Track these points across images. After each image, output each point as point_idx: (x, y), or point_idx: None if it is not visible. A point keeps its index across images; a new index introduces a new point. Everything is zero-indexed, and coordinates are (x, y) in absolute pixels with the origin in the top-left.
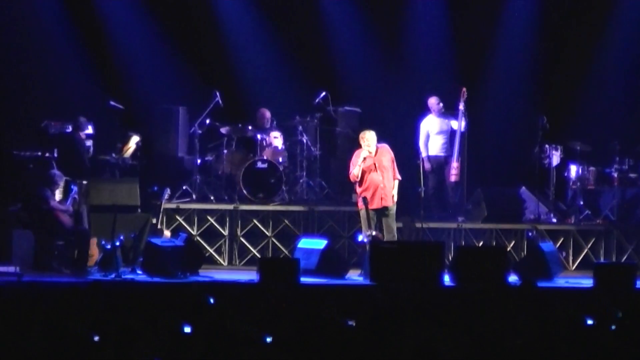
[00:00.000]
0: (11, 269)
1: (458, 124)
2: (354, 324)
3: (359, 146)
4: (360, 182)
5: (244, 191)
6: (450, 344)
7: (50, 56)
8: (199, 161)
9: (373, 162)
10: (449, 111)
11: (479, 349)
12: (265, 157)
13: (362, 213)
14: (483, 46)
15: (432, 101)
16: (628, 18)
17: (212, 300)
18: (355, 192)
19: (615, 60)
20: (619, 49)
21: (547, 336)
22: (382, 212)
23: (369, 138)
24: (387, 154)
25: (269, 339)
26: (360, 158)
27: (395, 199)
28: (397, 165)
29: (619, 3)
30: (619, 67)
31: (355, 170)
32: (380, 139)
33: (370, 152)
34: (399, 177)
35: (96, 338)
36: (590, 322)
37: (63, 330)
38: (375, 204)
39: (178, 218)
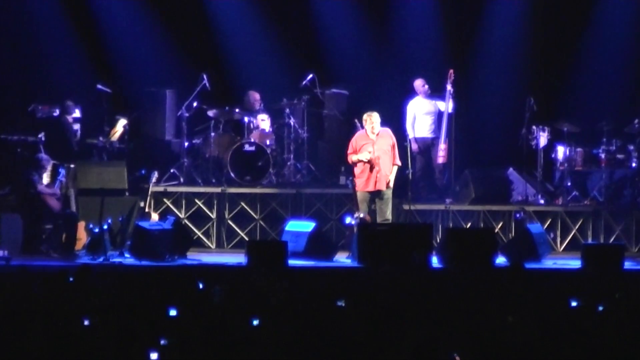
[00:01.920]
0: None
1: (445, 106)
2: (344, 305)
3: (347, 127)
4: (356, 163)
5: (232, 174)
6: (439, 326)
7: (38, 40)
8: (186, 144)
9: (373, 145)
10: (436, 93)
11: (468, 331)
12: (252, 140)
13: (359, 195)
14: (470, 28)
15: (418, 83)
16: None
17: (201, 285)
18: (344, 175)
19: (603, 41)
20: (607, 29)
21: (535, 317)
22: (376, 195)
23: (374, 120)
24: (388, 138)
25: (256, 322)
26: (362, 157)
27: (392, 184)
28: None
29: None
30: (607, 48)
31: (354, 158)
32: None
33: (371, 153)
34: (399, 163)
35: (86, 322)
36: (574, 304)
37: (52, 314)
38: (369, 187)
39: (166, 201)
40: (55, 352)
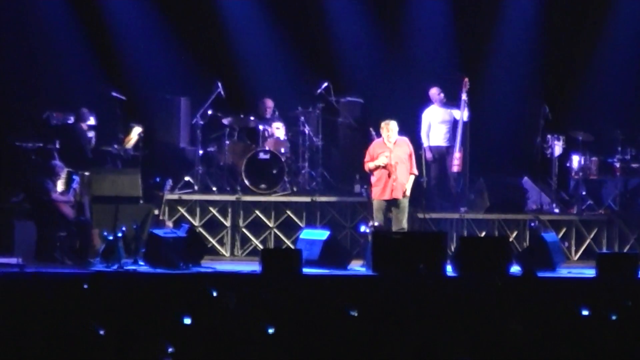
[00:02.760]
0: (13, 259)
1: (460, 114)
2: (357, 314)
3: (362, 136)
4: (373, 171)
5: (246, 182)
6: (452, 334)
7: (53, 47)
8: (201, 152)
9: (390, 153)
10: (451, 101)
11: (480, 339)
12: (267, 148)
13: (375, 203)
14: (485, 36)
15: (434, 91)
16: (631, 7)
17: (214, 293)
18: (358, 183)
19: (618, 50)
20: (622, 38)
21: (547, 326)
22: (392, 203)
23: (392, 128)
24: (405, 147)
25: (271, 330)
26: (379, 162)
27: (408, 193)
28: None
29: None
30: (622, 56)
31: (370, 165)
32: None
33: (388, 157)
34: (416, 172)
35: (101, 332)
36: (586, 312)
37: (66, 322)
38: (385, 195)
39: (180, 209)
40: (68, 359)
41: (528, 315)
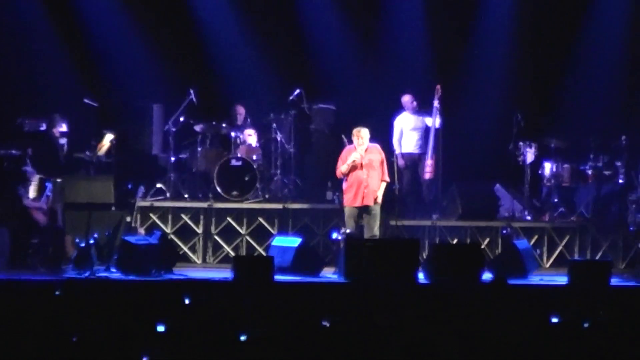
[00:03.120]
0: None
1: (432, 121)
2: (329, 324)
3: (334, 142)
4: (346, 178)
5: (218, 189)
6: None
7: (26, 53)
8: (173, 159)
9: (361, 160)
10: (423, 108)
11: (454, 346)
12: (239, 155)
13: (346, 210)
14: (458, 43)
15: (406, 99)
16: (603, 15)
17: (187, 300)
18: (331, 190)
19: (590, 58)
20: (594, 46)
21: (519, 333)
22: (364, 210)
23: (363, 135)
24: (377, 154)
25: (243, 337)
26: (351, 159)
27: (380, 200)
28: None
29: (594, 1)
30: (594, 64)
31: (343, 168)
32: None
33: (362, 156)
34: (387, 179)
35: (74, 339)
36: (555, 320)
37: (38, 329)
38: (357, 202)
39: (152, 216)
40: None
41: (500, 322)
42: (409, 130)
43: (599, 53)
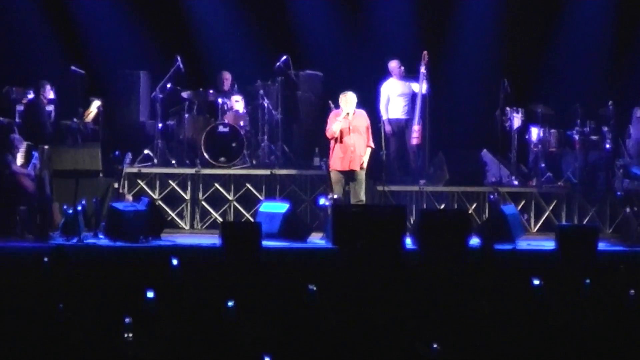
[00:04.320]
0: None
1: (419, 87)
2: (316, 288)
3: (321, 109)
4: (333, 142)
5: (206, 155)
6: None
7: (10, 22)
8: (160, 126)
9: (348, 125)
10: (410, 74)
11: (442, 314)
12: (226, 122)
13: (333, 175)
14: (445, 9)
15: (393, 64)
16: None
17: (175, 262)
18: (318, 156)
19: (577, 23)
20: (581, 11)
21: (507, 299)
22: (350, 175)
23: (349, 99)
24: (363, 120)
25: (231, 303)
26: (342, 115)
27: (365, 165)
28: None
29: None
30: (581, 29)
31: (334, 127)
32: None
33: (348, 118)
34: (372, 145)
35: (60, 305)
36: (537, 282)
37: (26, 296)
38: (343, 166)
39: (140, 182)
40: (30, 334)
41: (488, 288)
42: (395, 96)
43: (586, 18)
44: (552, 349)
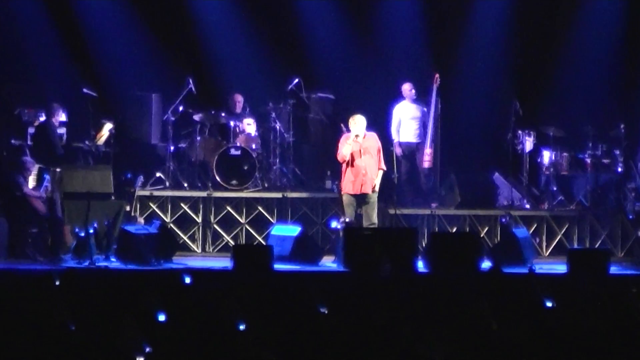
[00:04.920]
0: None
1: (431, 110)
2: (327, 311)
3: (333, 132)
4: (344, 166)
5: (217, 178)
6: (425, 330)
7: (24, 44)
8: (172, 148)
9: (359, 148)
10: (422, 97)
11: (453, 335)
12: (238, 144)
13: (345, 198)
14: (456, 32)
15: (406, 87)
16: (601, 3)
17: (188, 280)
18: (329, 179)
19: (589, 46)
20: (592, 34)
21: (518, 321)
22: (362, 198)
23: (358, 121)
24: (374, 142)
25: (242, 326)
26: (351, 137)
27: (377, 188)
28: None
29: None
30: (593, 52)
31: (344, 150)
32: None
33: (357, 141)
34: (384, 168)
35: (72, 327)
36: (549, 304)
37: (37, 319)
38: (355, 190)
39: (152, 205)
40: (41, 356)
41: (499, 311)
42: (407, 119)
43: (598, 41)
44: None
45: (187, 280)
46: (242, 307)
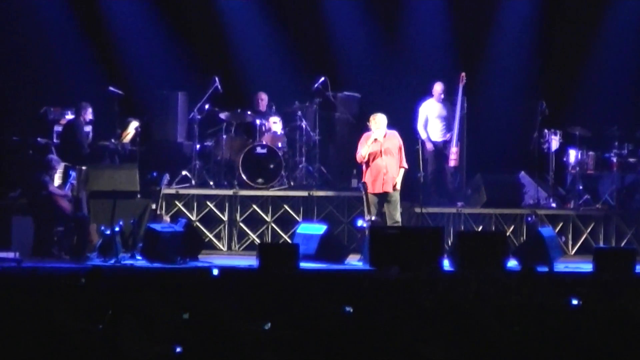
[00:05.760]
0: (11, 255)
1: (457, 109)
2: (352, 310)
3: (359, 131)
4: (367, 164)
5: (243, 176)
6: (449, 329)
7: (50, 42)
8: (198, 147)
9: (380, 147)
10: (448, 96)
11: (477, 336)
12: (264, 143)
13: (369, 197)
14: (482, 31)
15: (437, 88)
16: (629, 3)
17: (215, 272)
18: (355, 178)
19: (615, 45)
20: (619, 33)
21: (543, 322)
22: (384, 197)
23: (379, 120)
24: (395, 141)
25: (267, 326)
26: (370, 139)
27: (399, 186)
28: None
29: None
30: (620, 51)
31: (363, 151)
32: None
33: (378, 141)
34: (405, 166)
35: (99, 327)
36: (575, 302)
37: (63, 317)
38: (376, 189)
39: (177, 203)
40: (66, 355)
41: (525, 311)
42: (434, 117)
43: (625, 41)
44: None
45: (215, 272)
46: (267, 305)
